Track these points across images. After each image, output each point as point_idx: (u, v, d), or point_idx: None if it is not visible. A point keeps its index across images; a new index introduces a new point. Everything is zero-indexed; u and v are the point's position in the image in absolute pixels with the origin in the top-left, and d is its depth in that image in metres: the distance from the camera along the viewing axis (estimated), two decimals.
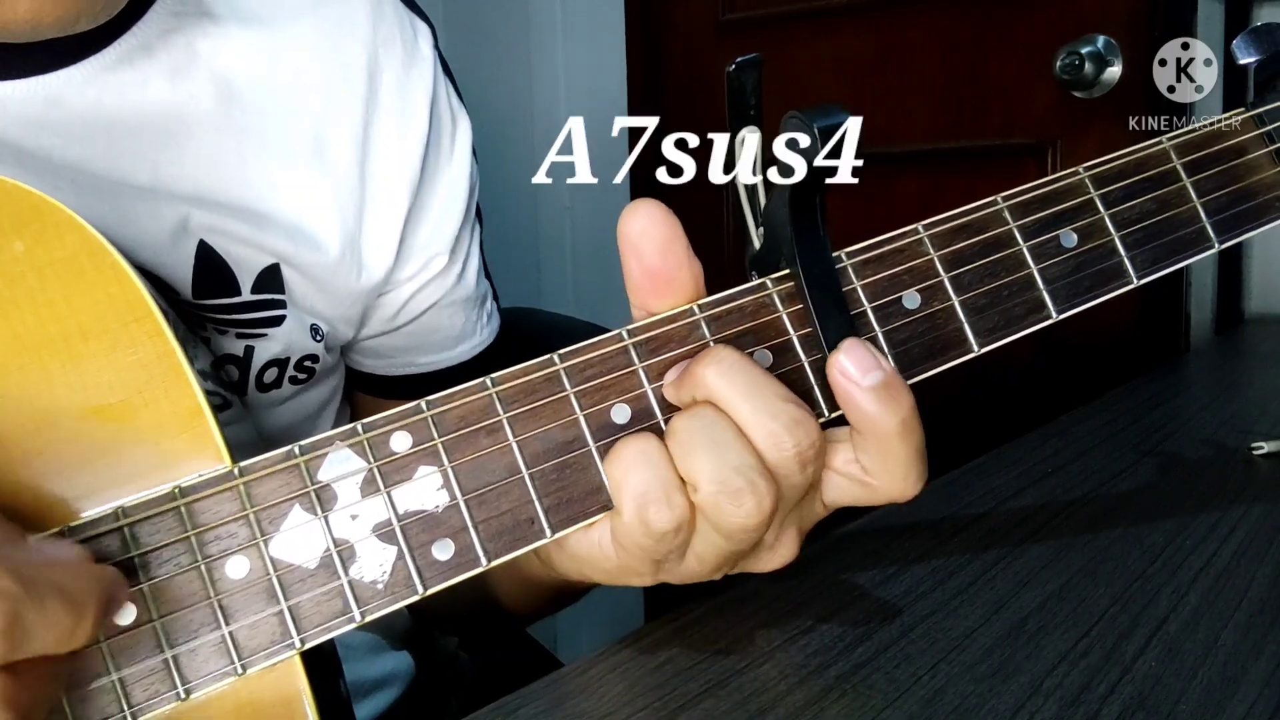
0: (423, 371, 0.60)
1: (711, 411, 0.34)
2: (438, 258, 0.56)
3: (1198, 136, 0.42)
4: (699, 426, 0.34)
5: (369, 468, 0.33)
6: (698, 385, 0.34)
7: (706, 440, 0.33)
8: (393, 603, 0.33)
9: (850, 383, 0.34)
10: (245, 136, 0.49)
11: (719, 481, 0.33)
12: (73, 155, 0.44)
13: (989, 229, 0.39)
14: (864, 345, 0.35)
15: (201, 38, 0.48)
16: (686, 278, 0.36)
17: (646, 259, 0.36)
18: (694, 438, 0.34)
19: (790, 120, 0.35)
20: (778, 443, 0.33)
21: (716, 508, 0.33)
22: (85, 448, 0.32)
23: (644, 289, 0.36)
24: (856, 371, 0.34)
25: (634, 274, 0.36)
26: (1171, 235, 0.40)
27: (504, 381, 0.35)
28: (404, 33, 0.55)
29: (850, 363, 0.34)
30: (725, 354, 0.34)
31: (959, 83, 1.32)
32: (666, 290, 0.36)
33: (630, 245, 0.36)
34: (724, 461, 0.33)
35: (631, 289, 0.36)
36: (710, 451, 0.33)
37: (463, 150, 0.58)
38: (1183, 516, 0.48)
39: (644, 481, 0.33)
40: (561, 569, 0.38)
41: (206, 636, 0.32)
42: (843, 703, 0.32)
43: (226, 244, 0.48)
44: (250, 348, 0.49)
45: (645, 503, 0.33)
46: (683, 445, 0.34)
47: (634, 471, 0.34)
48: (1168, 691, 0.32)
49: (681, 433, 0.34)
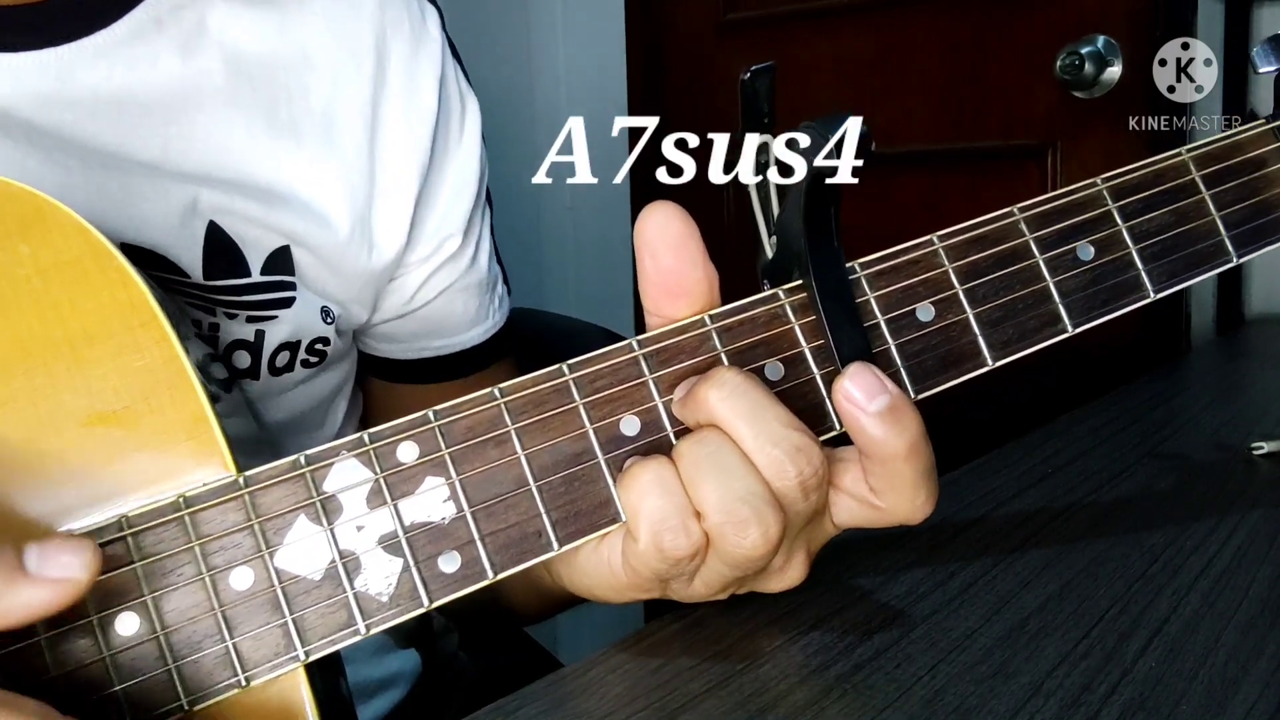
0: (437, 355, 0.60)
1: (717, 437, 0.34)
2: (450, 240, 0.56)
3: (1217, 149, 0.41)
4: (705, 454, 0.33)
5: (375, 478, 0.33)
6: (700, 408, 0.34)
7: (712, 467, 0.33)
8: (398, 615, 0.33)
9: (856, 408, 0.34)
10: (254, 115, 0.49)
11: (725, 511, 0.33)
12: (82, 131, 0.44)
13: (1005, 241, 0.38)
14: (869, 369, 0.34)
15: (212, 14, 0.48)
16: (701, 279, 0.36)
17: (661, 259, 0.35)
18: (699, 465, 0.33)
19: (806, 130, 0.34)
20: (781, 470, 0.33)
21: (723, 537, 0.33)
22: (89, 454, 0.32)
23: (657, 288, 0.36)
24: (862, 397, 0.34)
25: (648, 273, 0.36)
26: (1189, 249, 0.40)
27: (512, 392, 0.34)
28: (412, 14, 0.55)
29: (855, 388, 0.34)
30: (728, 377, 0.34)
31: (959, 83, 1.31)
32: (679, 292, 0.36)
33: (646, 244, 0.36)
34: (729, 490, 0.33)
35: (645, 290, 0.36)
36: (716, 479, 0.33)
37: (472, 132, 0.58)
38: (1183, 517, 0.48)
39: (660, 509, 0.33)
40: (570, 585, 0.38)
41: (210, 648, 0.32)
42: (843, 703, 0.32)
43: (236, 224, 0.48)
44: (261, 331, 0.49)
45: (662, 530, 0.33)
46: (689, 472, 0.34)
47: (649, 498, 0.33)
48: (1168, 692, 0.32)
49: (688, 458, 0.34)
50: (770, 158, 0.40)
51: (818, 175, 0.34)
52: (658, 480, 0.33)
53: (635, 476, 0.34)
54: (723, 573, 0.35)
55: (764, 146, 0.39)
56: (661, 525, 0.33)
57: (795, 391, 0.36)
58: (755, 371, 0.36)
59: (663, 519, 0.33)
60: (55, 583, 0.27)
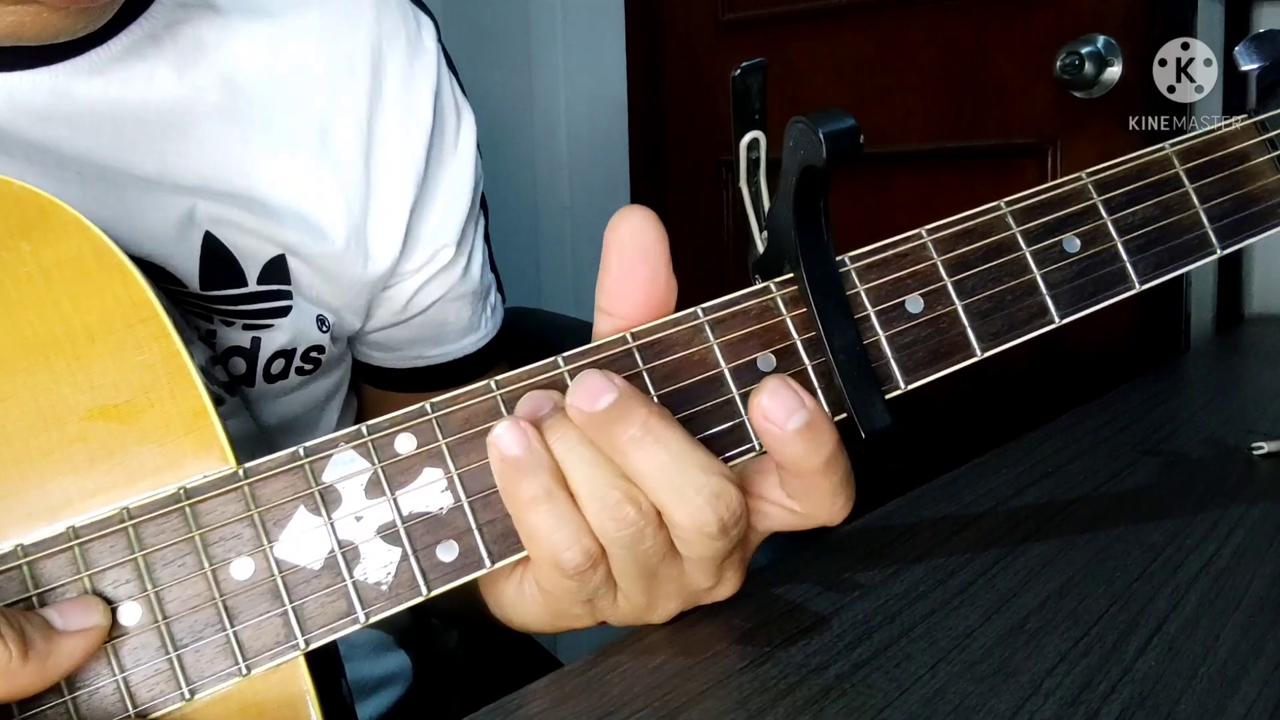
0: (431, 364, 0.60)
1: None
2: (444, 250, 0.57)
3: (1200, 142, 0.42)
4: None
5: (373, 469, 0.33)
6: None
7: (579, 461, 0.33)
8: (397, 604, 0.33)
9: (772, 424, 0.33)
10: (251, 128, 0.49)
11: (598, 499, 0.33)
12: (80, 146, 0.45)
13: (992, 234, 0.39)
14: (787, 385, 0.34)
15: (208, 29, 0.48)
16: (661, 285, 0.35)
17: (627, 262, 0.35)
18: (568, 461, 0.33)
19: (796, 125, 0.35)
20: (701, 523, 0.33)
21: (603, 529, 0.33)
22: (90, 448, 0.32)
23: (615, 282, 0.35)
24: (780, 414, 0.33)
25: (612, 274, 0.35)
26: (1174, 241, 0.40)
27: (509, 384, 0.35)
28: (408, 26, 0.55)
29: (773, 404, 0.33)
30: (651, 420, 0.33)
31: (958, 82, 1.32)
32: (637, 290, 0.35)
33: (615, 247, 0.35)
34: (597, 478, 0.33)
35: (603, 288, 0.36)
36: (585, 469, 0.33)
37: (467, 143, 0.58)
38: (1183, 516, 0.48)
39: (547, 525, 0.33)
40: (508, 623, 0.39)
41: (211, 637, 0.32)
42: (843, 702, 0.32)
43: (232, 235, 0.48)
44: (257, 339, 0.50)
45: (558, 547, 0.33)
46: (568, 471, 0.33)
47: (536, 516, 0.33)
48: (1168, 691, 0.32)
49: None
50: (761, 153, 0.40)
51: (807, 169, 0.34)
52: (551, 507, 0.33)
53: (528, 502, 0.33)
54: (631, 572, 0.34)
55: (755, 143, 0.40)
56: (553, 541, 0.33)
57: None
58: (747, 364, 0.36)
59: (550, 532, 0.33)
60: (86, 631, 0.30)
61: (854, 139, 0.34)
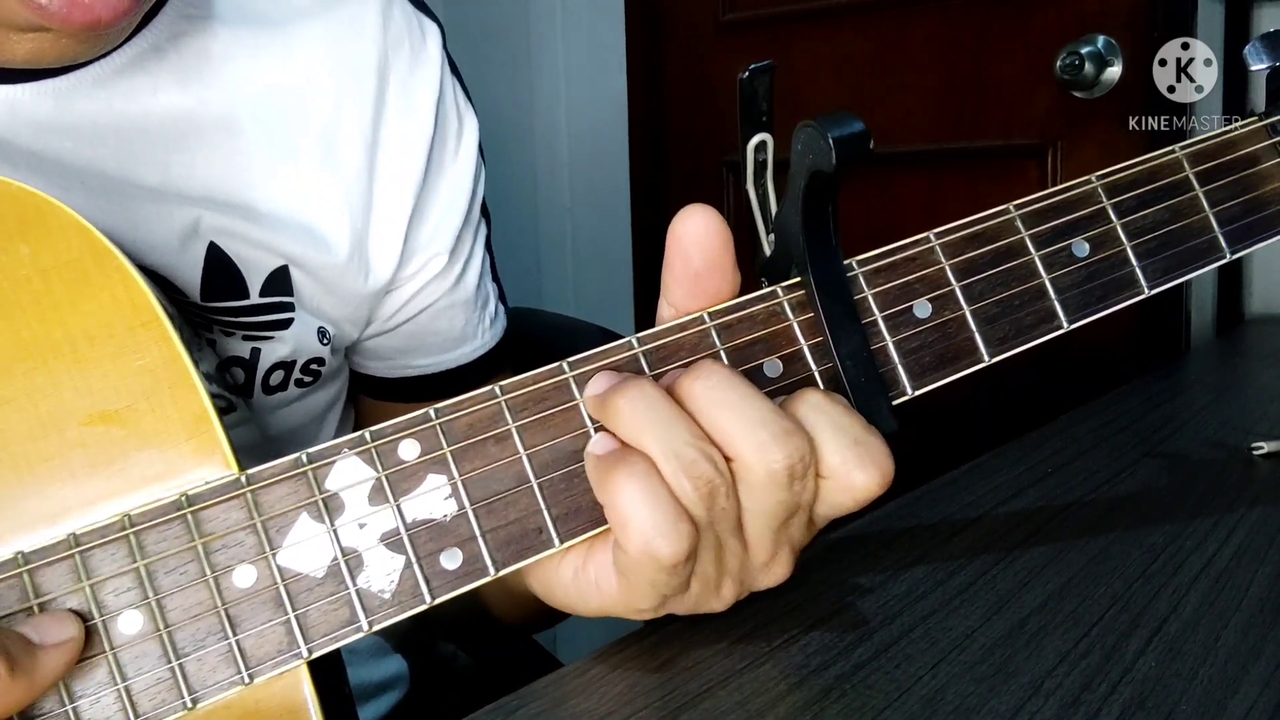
0: (421, 374, 0.59)
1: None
2: (437, 258, 0.56)
3: (1210, 145, 0.41)
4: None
5: (377, 476, 0.33)
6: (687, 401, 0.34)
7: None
8: (400, 612, 0.33)
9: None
10: (255, 138, 0.49)
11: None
12: (83, 157, 0.44)
13: (1001, 238, 0.38)
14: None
15: (212, 41, 0.48)
16: (725, 285, 0.36)
17: (694, 264, 0.36)
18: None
19: (804, 129, 0.34)
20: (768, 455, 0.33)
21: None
22: (90, 454, 0.32)
23: (683, 286, 0.36)
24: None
25: (676, 273, 0.36)
26: (1183, 245, 0.40)
27: (513, 389, 0.34)
28: (412, 33, 0.55)
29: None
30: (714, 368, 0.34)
31: (959, 83, 1.32)
32: (703, 295, 0.36)
33: (679, 247, 0.36)
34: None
35: (669, 285, 0.36)
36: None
37: (468, 150, 0.57)
38: (1183, 517, 0.48)
39: (647, 513, 0.32)
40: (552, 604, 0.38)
41: (213, 646, 0.32)
42: (843, 703, 0.32)
43: (236, 246, 0.48)
44: (257, 350, 0.49)
45: (654, 534, 0.32)
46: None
47: (636, 504, 0.32)
48: (1168, 692, 0.32)
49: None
50: (768, 156, 0.40)
51: (816, 174, 0.34)
52: (644, 484, 0.33)
53: (619, 485, 0.33)
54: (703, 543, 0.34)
55: (762, 145, 0.40)
56: (653, 529, 0.32)
57: (793, 389, 0.36)
58: (754, 369, 0.36)
59: (654, 521, 0.32)
60: (63, 644, 0.30)
61: (863, 144, 0.34)
